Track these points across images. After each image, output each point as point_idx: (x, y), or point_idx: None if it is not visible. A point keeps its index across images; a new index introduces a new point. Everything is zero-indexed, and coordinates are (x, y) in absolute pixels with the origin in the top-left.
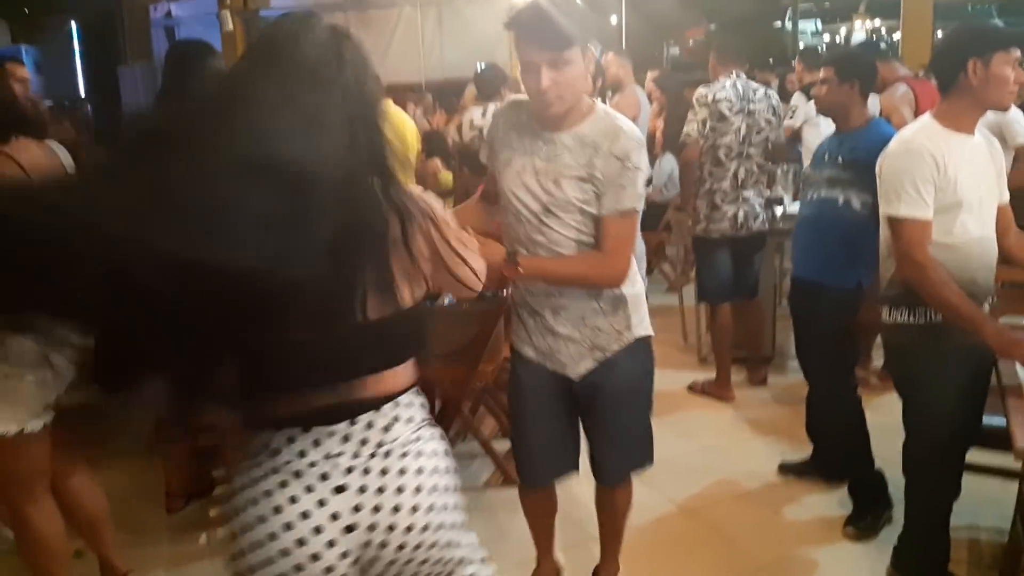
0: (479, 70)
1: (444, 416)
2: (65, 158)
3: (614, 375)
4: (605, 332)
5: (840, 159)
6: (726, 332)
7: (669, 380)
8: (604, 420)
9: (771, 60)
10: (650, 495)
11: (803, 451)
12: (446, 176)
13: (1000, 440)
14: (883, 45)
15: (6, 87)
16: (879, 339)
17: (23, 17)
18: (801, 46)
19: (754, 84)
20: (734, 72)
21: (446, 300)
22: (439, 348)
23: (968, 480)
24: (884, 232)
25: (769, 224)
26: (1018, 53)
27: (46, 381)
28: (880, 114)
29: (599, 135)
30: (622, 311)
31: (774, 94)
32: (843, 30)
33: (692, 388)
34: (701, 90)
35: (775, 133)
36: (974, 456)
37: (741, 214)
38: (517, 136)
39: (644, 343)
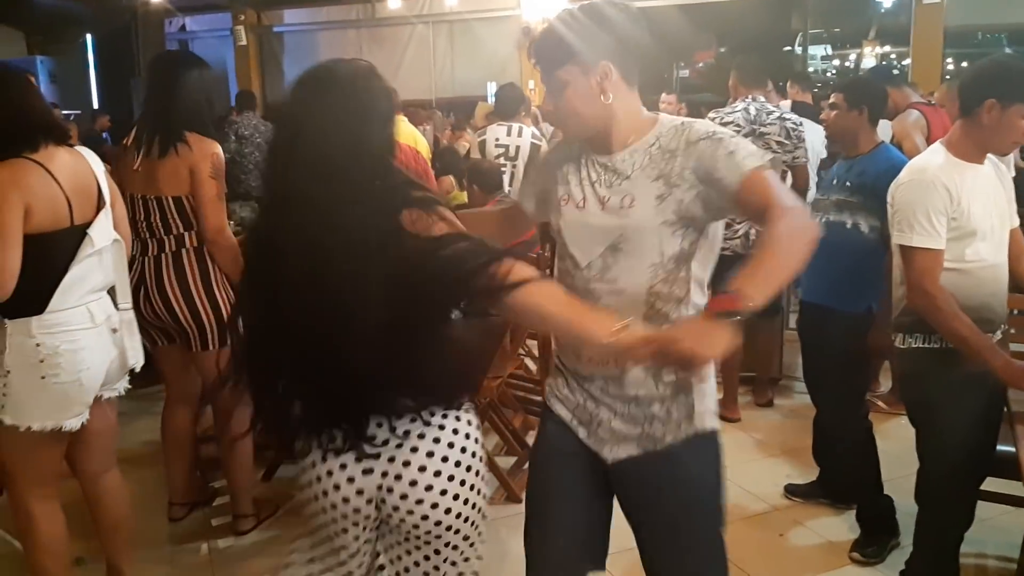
0: (498, 88)
1: None
2: (96, 164)
3: (671, 478)
4: (660, 419)
5: (848, 183)
6: (735, 352)
7: None
8: (658, 531)
9: (781, 84)
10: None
11: (810, 474)
12: (459, 195)
13: (1009, 468)
14: (895, 71)
15: (35, 95)
16: (886, 364)
17: (39, 29)
18: (811, 71)
19: (770, 107)
20: (750, 96)
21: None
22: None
23: (976, 507)
24: (897, 259)
25: None
26: None
27: (76, 384)
28: (892, 140)
29: (668, 139)
30: (684, 395)
31: (793, 118)
32: (853, 56)
33: None
34: (711, 115)
35: (790, 156)
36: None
37: (753, 232)
38: (574, 169)
39: (710, 439)
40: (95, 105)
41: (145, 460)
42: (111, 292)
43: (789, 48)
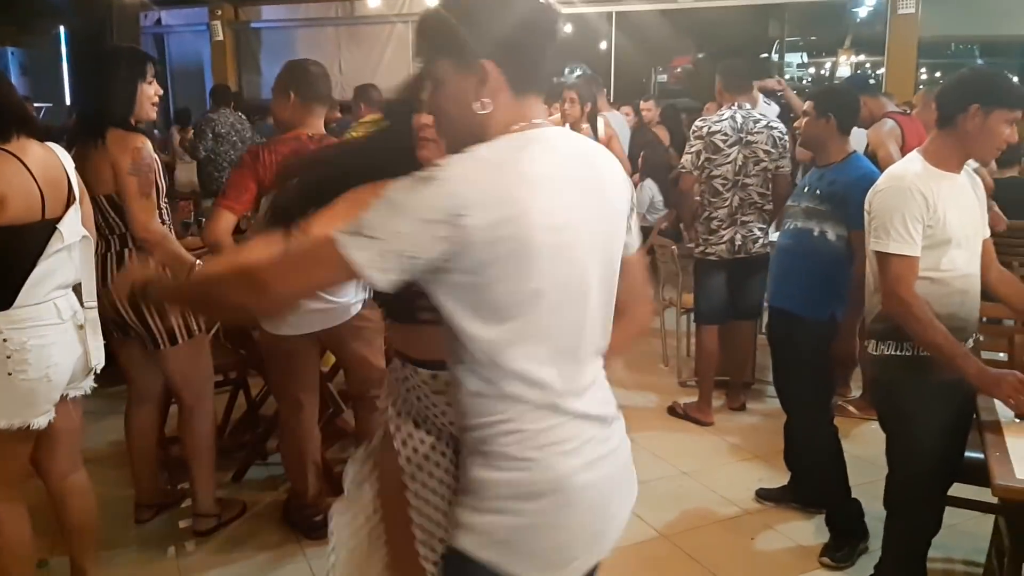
0: None
1: None
2: (66, 159)
3: None
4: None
5: (819, 192)
6: (711, 356)
7: (648, 402)
8: None
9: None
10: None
11: (782, 478)
12: None
13: (977, 474)
14: (871, 80)
15: (6, 86)
16: (857, 370)
17: (12, 20)
18: (787, 78)
19: (756, 115)
20: (736, 103)
21: None
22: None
23: (944, 512)
24: (872, 267)
25: None
26: (1019, 115)
27: (43, 381)
28: (867, 148)
29: None
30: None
31: (779, 126)
32: (828, 64)
33: (672, 410)
34: (698, 123)
35: (776, 164)
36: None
37: (739, 238)
38: None
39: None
40: (67, 98)
41: (111, 460)
42: (76, 290)
43: (766, 55)
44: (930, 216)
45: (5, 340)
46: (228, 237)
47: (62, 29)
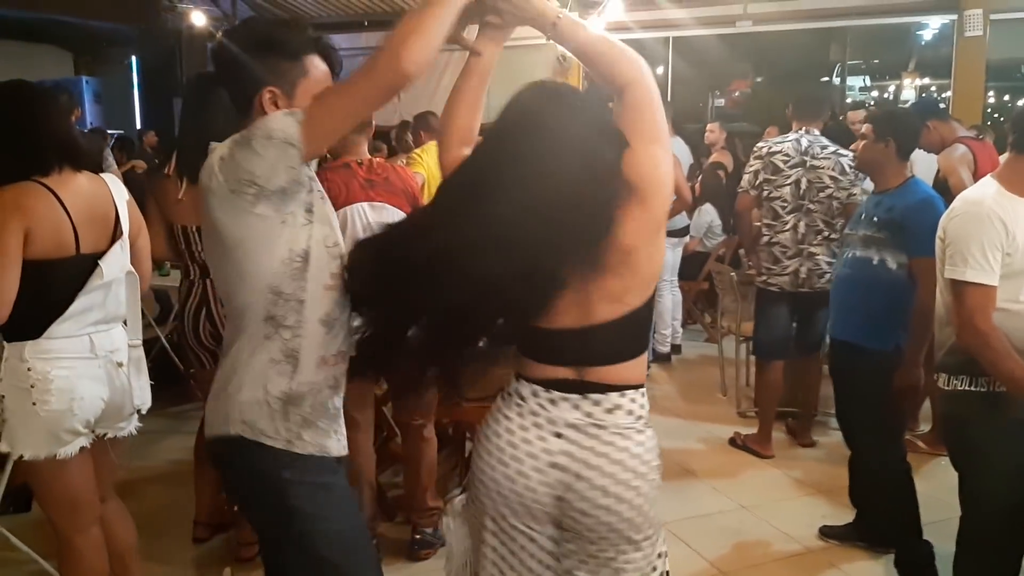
0: None
1: None
2: (118, 193)
3: None
4: None
5: (876, 219)
6: (774, 390)
7: (706, 433)
8: None
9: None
10: (685, 553)
11: (847, 514)
12: None
13: None
14: (942, 104)
15: (58, 118)
16: (927, 403)
17: (87, 50)
18: (849, 102)
19: (824, 141)
20: (804, 128)
21: (480, 343)
22: (471, 391)
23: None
24: (944, 297)
25: None
26: None
27: (67, 413)
28: (938, 174)
29: None
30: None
31: (848, 154)
32: (892, 87)
33: (733, 441)
34: (759, 144)
35: (844, 193)
36: None
37: (804, 270)
38: None
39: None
40: (138, 125)
41: (173, 479)
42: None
43: (827, 79)
44: (1008, 244)
45: (29, 369)
46: None
47: (134, 59)
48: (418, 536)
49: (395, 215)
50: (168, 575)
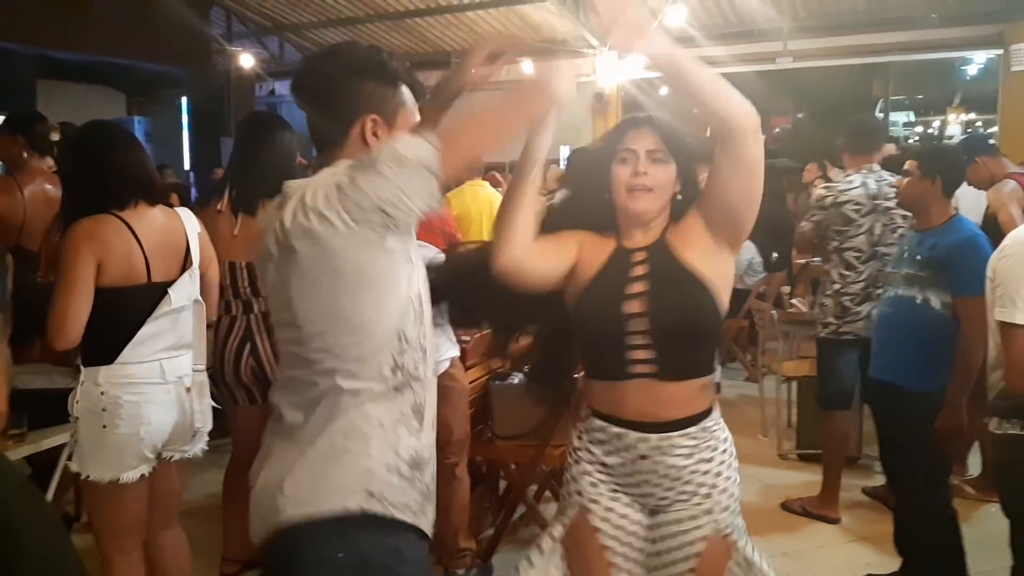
0: (570, 153)
1: (508, 500)
2: (191, 226)
3: None
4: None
5: (919, 257)
6: (841, 441)
7: (747, 476)
8: None
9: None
10: None
11: (892, 563)
12: None
13: None
14: (992, 140)
15: (134, 154)
16: (976, 445)
17: (139, 90)
18: (893, 138)
19: (890, 179)
20: (866, 167)
21: (515, 379)
22: (506, 428)
23: None
24: (995, 338)
25: None
26: None
27: (134, 438)
28: (987, 211)
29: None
30: None
31: None
32: (937, 123)
33: (788, 507)
34: (821, 191)
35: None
36: None
37: (875, 313)
38: None
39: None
40: (187, 162)
41: (204, 514)
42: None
43: (863, 113)
44: None
45: (103, 394)
46: None
47: (184, 99)
48: None
49: (432, 252)
50: None
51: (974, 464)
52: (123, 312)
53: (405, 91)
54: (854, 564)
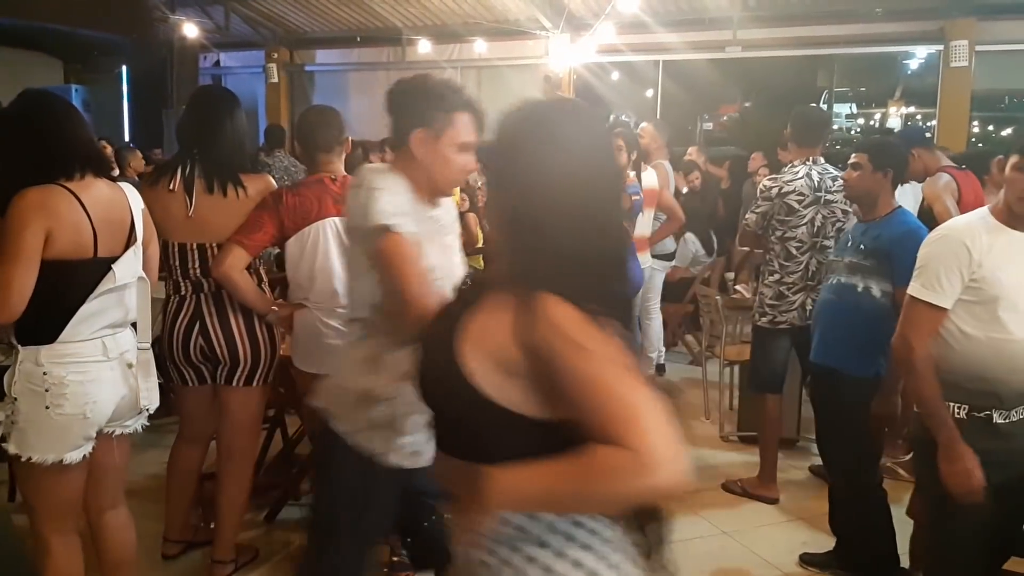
0: None
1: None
2: (135, 201)
3: None
4: None
5: (863, 247)
6: (775, 424)
7: (689, 458)
8: None
9: None
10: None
11: (827, 542)
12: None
13: None
14: (928, 134)
15: (78, 124)
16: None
17: (77, 58)
18: (836, 129)
19: (833, 172)
20: (811, 158)
21: None
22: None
23: None
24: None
25: None
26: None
27: (79, 418)
28: (923, 203)
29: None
30: None
31: None
32: (878, 115)
33: (728, 487)
34: (766, 182)
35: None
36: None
37: (810, 302)
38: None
39: None
40: (127, 135)
41: (150, 494)
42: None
43: (814, 105)
44: (973, 268)
45: (45, 374)
46: (237, 273)
47: (124, 68)
48: (395, 559)
49: None
50: None
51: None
52: (66, 287)
53: (460, 117)
54: (791, 542)
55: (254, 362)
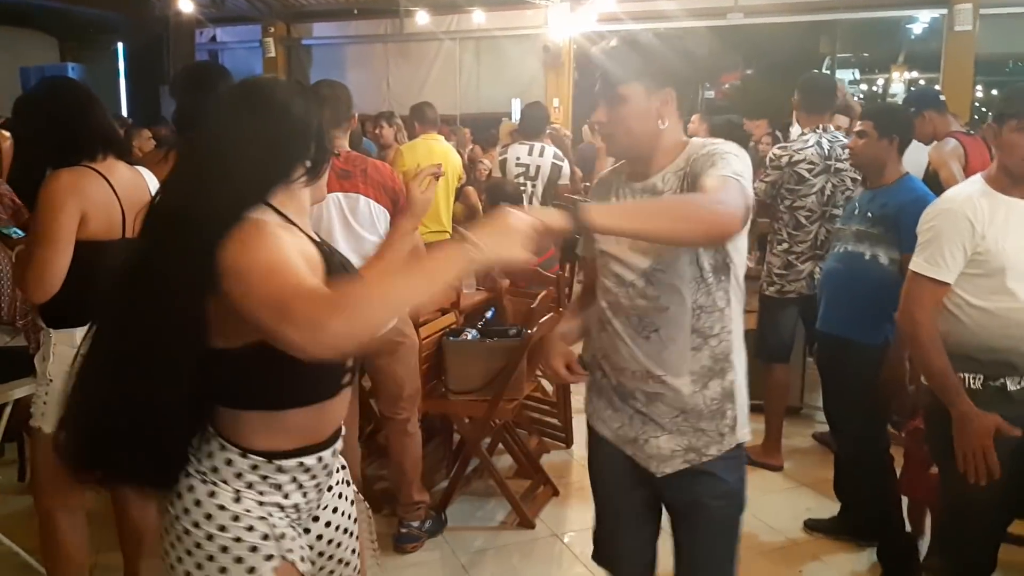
0: (524, 107)
1: (461, 453)
2: (153, 184)
3: (712, 492)
4: (707, 433)
5: (870, 214)
6: (782, 393)
7: None
8: (695, 549)
9: None
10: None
11: (832, 507)
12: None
13: None
14: (942, 96)
15: (98, 108)
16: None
17: (72, 36)
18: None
19: (843, 140)
20: (820, 126)
21: (469, 335)
22: (459, 383)
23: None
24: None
25: None
26: None
27: None
28: (928, 167)
29: (687, 159)
30: (730, 407)
31: None
32: (881, 81)
33: None
34: (776, 150)
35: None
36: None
37: (818, 271)
38: (615, 200)
39: (742, 453)
40: (124, 111)
41: None
42: None
43: (816, 71)
44: (977, 241)
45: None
46: None
47: (120, 45)
48: (404, 530)
49: (369, 206)
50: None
51: None
52: (98, 268)
53: None
54: (795, 508)
55: None
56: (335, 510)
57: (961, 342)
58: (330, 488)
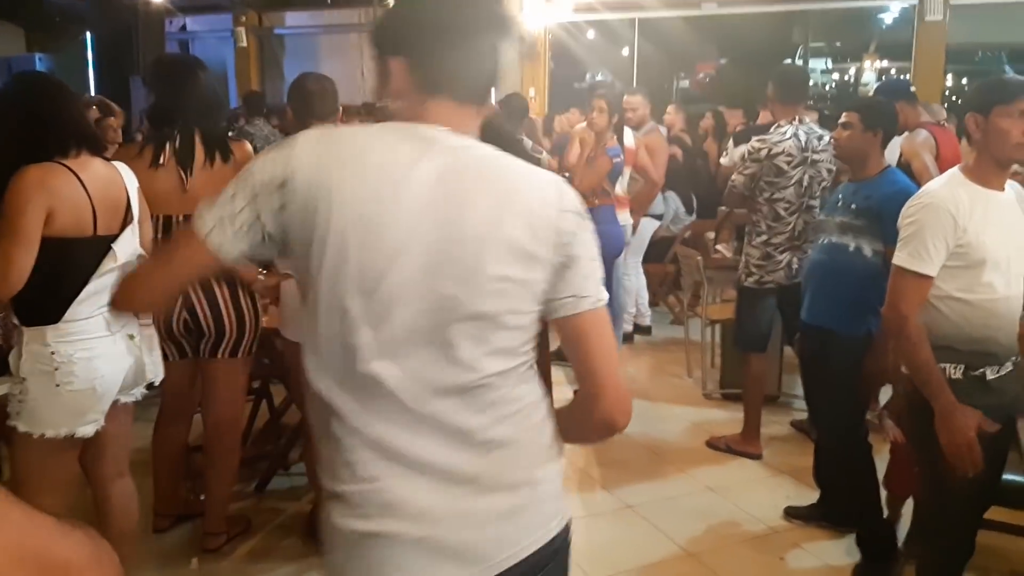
0: (503, 98)
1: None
2: (129, 180)
3: None
4: None
5: (854, 206)
6: (760, 382)
7: (673, 415)
8: None
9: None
10: (652, 534)
11: (811, 495)
12: None
13: (1015, 497)
14: (913, 88)
15: (72, 103)
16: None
17: (40, 26)
18: (811, 84)
19: (818, 131)
20: (796, 118)
21: None
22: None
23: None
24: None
25: None
26: (1021, 105)
27: (89, 392)
28: (900, 158)
29: None
30: None
31: None
32: (853, 70)
33: (713, 444)
34: (755, 143)
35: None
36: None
37: (796, 261)
38: None
39: None
40: None
41: (136, 468)
42: None
43: (790, 61)
44: (959, 234)
45: (53, 353)
46: None
47: (88, 35)
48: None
49: None
50: (134, 569)
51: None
52: (68, 266)
53: None
54: (775, 496)
55: (239, 333)
56: None
57: (942, 334)
58: None
